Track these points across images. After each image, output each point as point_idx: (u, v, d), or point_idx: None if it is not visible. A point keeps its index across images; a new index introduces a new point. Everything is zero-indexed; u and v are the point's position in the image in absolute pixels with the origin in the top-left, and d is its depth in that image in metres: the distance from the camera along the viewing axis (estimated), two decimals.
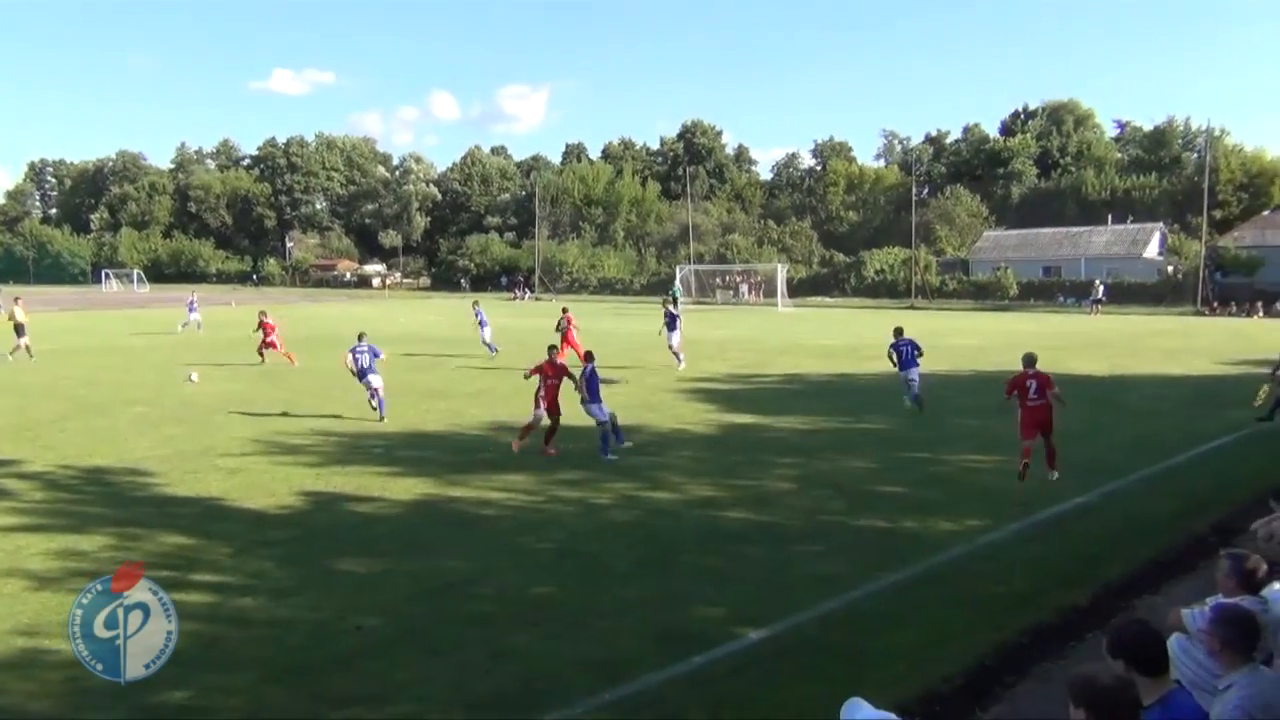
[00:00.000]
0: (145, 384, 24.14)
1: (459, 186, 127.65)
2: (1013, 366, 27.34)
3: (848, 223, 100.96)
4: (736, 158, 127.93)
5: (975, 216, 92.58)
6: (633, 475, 13.84)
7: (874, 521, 11.34)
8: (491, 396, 21.74)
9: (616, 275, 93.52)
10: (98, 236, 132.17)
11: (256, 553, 10.23)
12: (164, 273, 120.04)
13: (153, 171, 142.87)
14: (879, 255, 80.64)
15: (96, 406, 20.37)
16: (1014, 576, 9.45)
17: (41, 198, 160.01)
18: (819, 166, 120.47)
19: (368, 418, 18.72)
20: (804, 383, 24.82)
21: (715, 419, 18.81)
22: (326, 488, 13.12)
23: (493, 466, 14.37)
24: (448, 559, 10.03)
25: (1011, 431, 17.22)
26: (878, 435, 17.19)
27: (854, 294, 77.25)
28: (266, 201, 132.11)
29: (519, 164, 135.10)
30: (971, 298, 71.26)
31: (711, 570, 9.66)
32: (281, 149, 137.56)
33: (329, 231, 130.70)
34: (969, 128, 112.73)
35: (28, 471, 14.14)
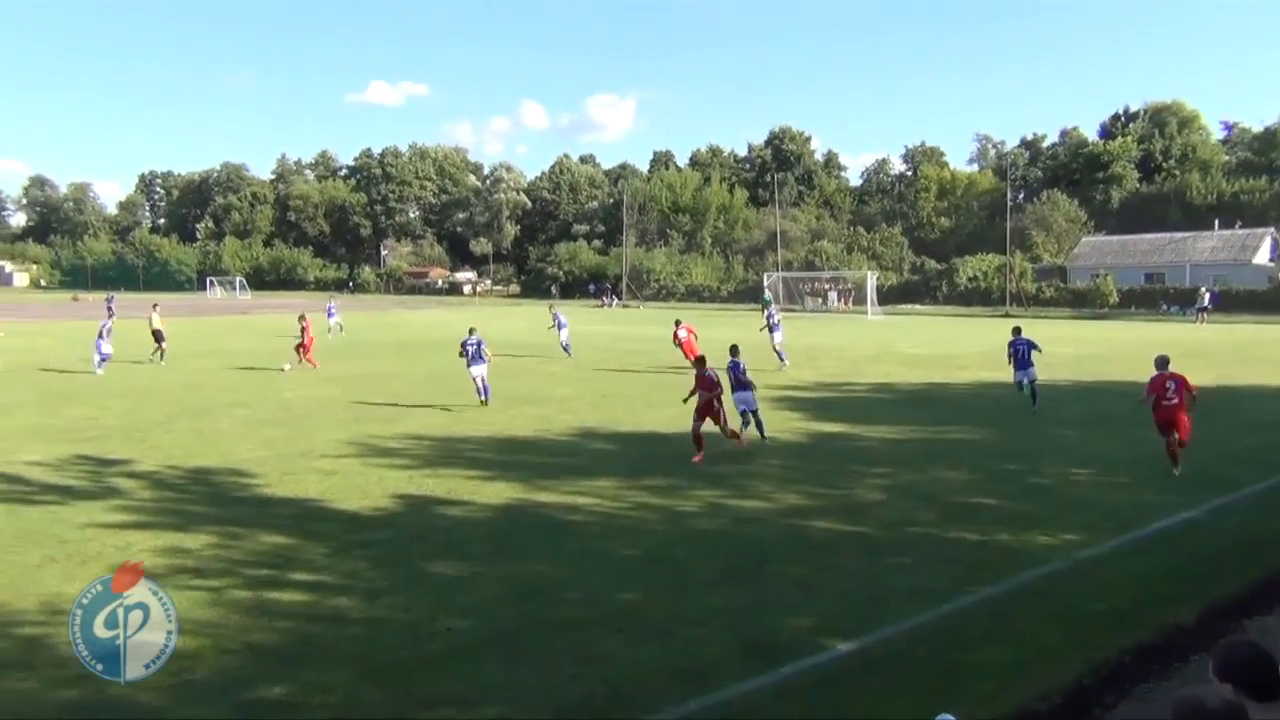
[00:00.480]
0: (246, 387, 24.92)
1: (548, 195, 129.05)
2: (1115, 376, 26.62)
3: (939, 229, 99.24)
4: (825, 164, 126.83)
5: (1073, 222, 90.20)
6: (719, 483, 13.79)
7: (966, 534, 11.10)
8: (579, 403, 21.90)
9: (703, 282, 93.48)
10: (203, 245, 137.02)
11: (351, 553, 10.47)
12: (264, 280, 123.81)
13: (255, 182, 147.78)
14: (972, 262, 79.09)
15: (200, 409, 21.09)
16: (1114, 593, 9.15)
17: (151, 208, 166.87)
18: (910, 172, 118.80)
19: (458, 424, 19.03)
20: (894, 392, 24.43)
21: (803, 427, 18.63)
22: (418, 490, 13.36)
23: (580, 472, 14.46)
24: (535, 563, 10.12)
25: (1113, 445, 16.72)
26: (970, 446, 16.83)
27: (946, 301, 75.88)
28: (362, 210, 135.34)
29: (607, 172, 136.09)
30: (1069, 305, 69.42)
31: (799, 580, 9.56)
32: (377, 159, 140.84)
33: (421, 239, 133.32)
34: (1067, 131, 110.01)
35: (137, 471, 14.71)
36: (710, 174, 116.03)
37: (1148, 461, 14.98)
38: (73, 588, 9.29)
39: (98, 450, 16.36)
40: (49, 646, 7.88)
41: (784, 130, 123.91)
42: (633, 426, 18.83)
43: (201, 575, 9.66)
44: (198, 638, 8.06)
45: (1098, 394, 23.68)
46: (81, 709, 6.89)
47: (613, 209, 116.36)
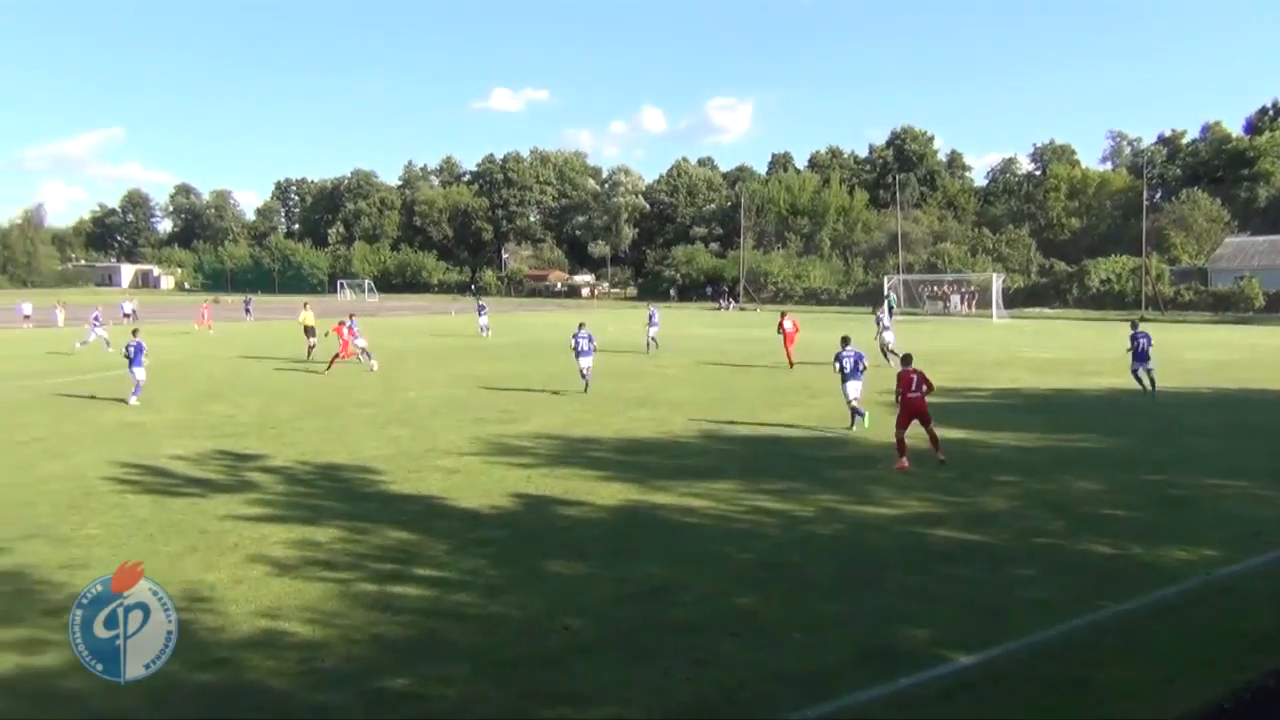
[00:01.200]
0: (373, 386, 25.72)
1: (666, 198, 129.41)
2: (1260, 384, 25.25)
3: (1069, 230, 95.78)
4: (949, 164, 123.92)
5: (1215, 222, 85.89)
6: (838, 488, 13.61)
7: (1096, 546, 10.69)
8: (695, 405, 21.91)
9: (822, 285, 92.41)
10: (334, 249, 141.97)
11: (471, 550, 10.70)
12: (391, 283, 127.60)
13: (383, 188, 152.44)
14: (1104, 264, 76.12)
15: (329, 408, 21.87)
16: (1257, 613, 8.68)
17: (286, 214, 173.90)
18: (1038, 171, 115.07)
19: (576, 425, 19.27)
20: (1021, 397, 23.70)
21: (923, 433, 18.18)
22: (536, 490, 13.58)
23: (696, 474, 14.47)
24: (651, 564, 10.17)
25: (1256, 456, 15.85)
26: (1102, 454, 16.20)
27: (1076, 305, 73.21)
28: (484, 215, 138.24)
29: (725, 175, 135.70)
30: (1210, 309, 66.17)
31: (919, 589, 9.37)
32: (499, 164, 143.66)
33: (541, 243, 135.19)
34: (1209, 126, 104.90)
35: (271, 466, 15.36)
36: (829, 175, 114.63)
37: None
38: (213, 576, 9.77)
39: (235, 446, 17.14)
40: (189, 631, 8.28)
41: (906, 130, 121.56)
42: (750, 429, 18.74)
43: (331, 568, 10.01)
44: (327, 628, 8.36)
45: (1240, 402, 22.51)
46: (218, 692, 7.23)
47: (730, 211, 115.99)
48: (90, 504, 12.87)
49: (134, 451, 16.62)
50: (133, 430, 18.94)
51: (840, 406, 20.91)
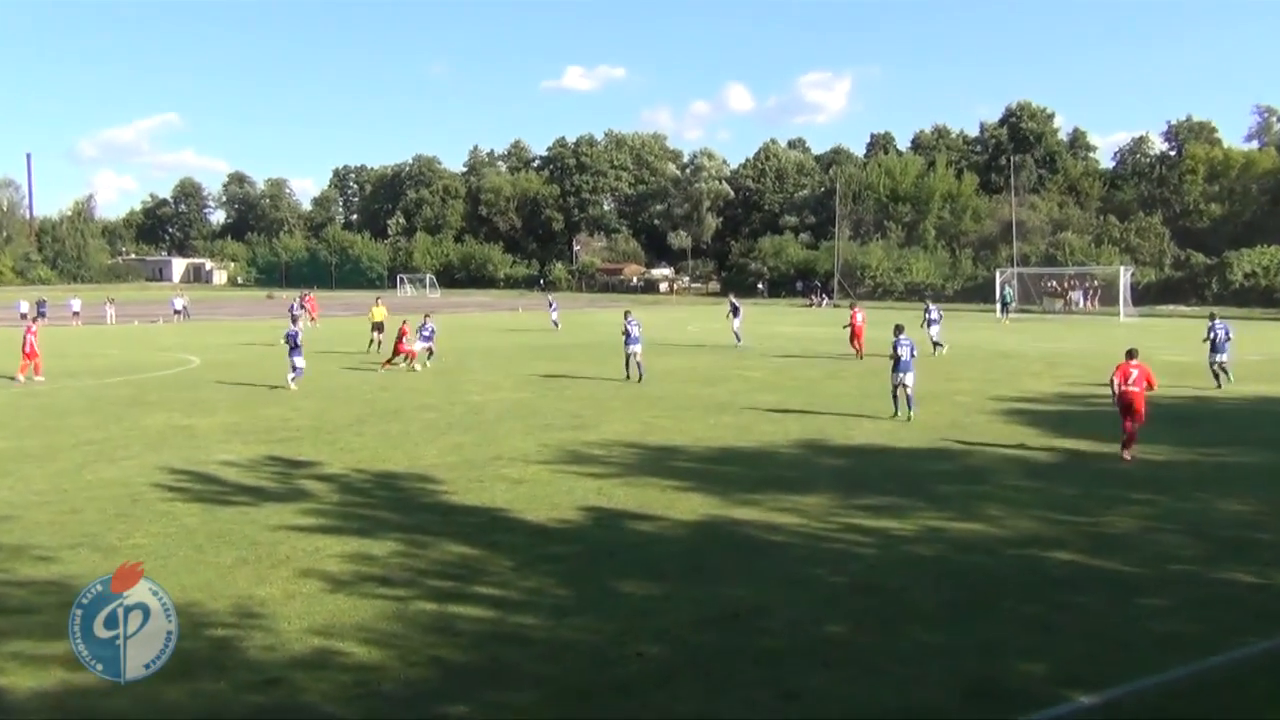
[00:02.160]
0: (435, 389, 26.10)
1: (752, 184, 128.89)
2: None
3: (1209, 217, 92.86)
4: (1071, 144, 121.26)
5: None
6: (942, 504, 13.41)
7: (1240, 574, 10.35)
8: (782, 412, 21.78)
9: (926, 279, 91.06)
10: (394, 241, 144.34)
11: (538, 567, 10.78)
12: (454, 277, 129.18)
13: (446, 175, 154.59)
14: (1250, 256, 73.75)
15: (389, 411, 22.25)
16: None
17: (344, 204, 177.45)
18: (1173, 152, 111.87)
19: (652, 432, 19.30)
20: (1153, 405, 23.01)
21: (1041, 444, 17.91)
22: (609, 503, 13.63)
23: (783, 487, 14.38)
24: (733, 587, 10.13)
25: None
26: (1247, 470, 15.70)
27: (1216, 302, 70.92)
28: (555, 203, 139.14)
29: (818, 158, 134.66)
30: None
31: (1033, 619, 9.17)
32: (570, 149, 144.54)
33: (616, 234, 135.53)
34: None
35: (326, 473, 15.67)
36: (935, 158, 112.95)
37: None
38: (264, 590, 9.99)
39: (289, 451, 17.53)
40: (239, 649, 8.49)
41: (1022, 106, 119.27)
42: (844, 439, 18.58)
43: (388, 584, 10.17)
44: (384, 649, 8.49)
45: None
46: (270, 713, 7.39)
47: (824, 198, 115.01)
48: (138, 512, 13.28)
49: (183, 457, 17.11)
50: (182, 434, 19.50)
51: (940, 413, 20.61)
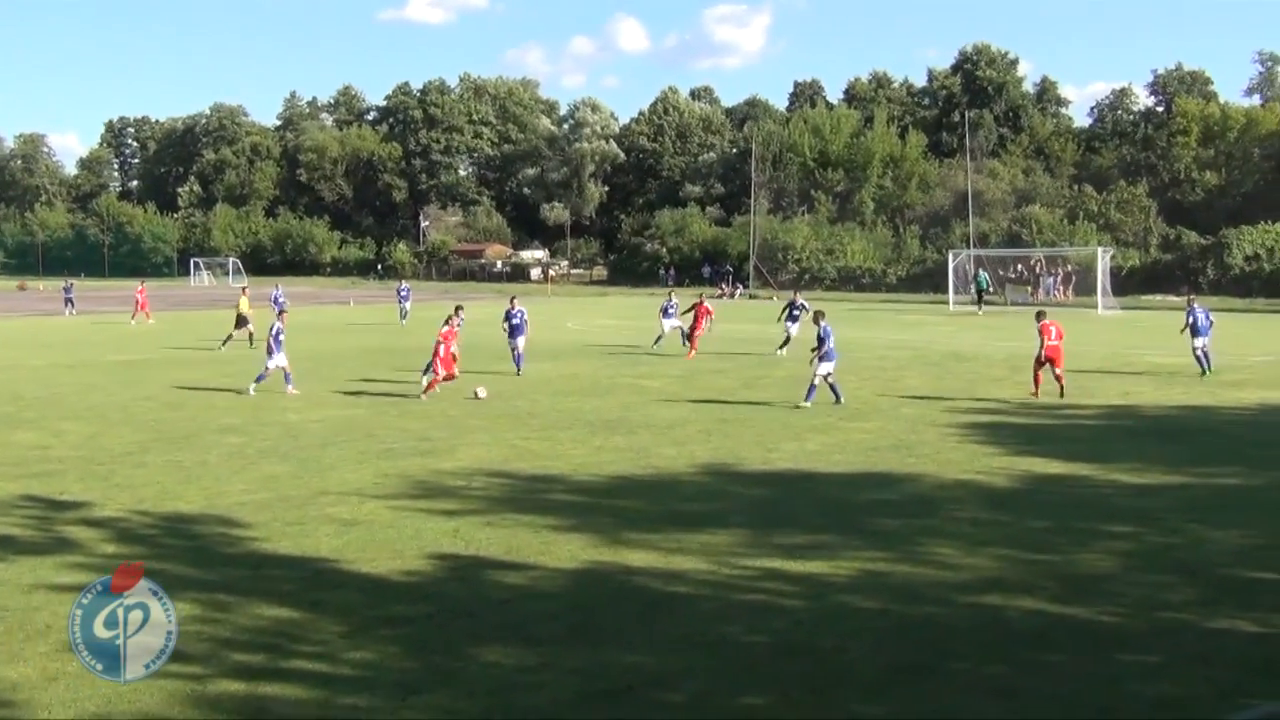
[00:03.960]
0: (241, 408, 25.61)
1: (648, 143, 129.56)
2: None
3: (1203, 188, 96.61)
4: (1038, 97, 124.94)
5: None
6: (884, 543, 13.65)
7: (1240, 622, 10.77)
8: (687, 431, 21.93)
9: (863, 264, 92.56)
10: (186, 215, 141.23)
11: (375, 633, 10.64)
12: (266, 261, 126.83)
13: (255, 130, 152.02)
14: (1252, 235, 76.89)
15: (181, 436, 21.75)
16: None
17: (120, 167, 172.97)
18: (1160, 108, 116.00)
19: (523, 458, 19.23)
20: (1137, 418, 23.89)
21: (1004, 467, 18.35)
22: (468, 548, 13.53)
23: (688, 525, 14.47)
24: (626, 652, 10.15)
25: None
26: (1249, 496, 16.36)
27: (1213, 290, 73.80)
28: (396, 167, 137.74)
29: (729, 112, 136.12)
30: None
31: (996, 683, 9.40)
32: (416, 97, 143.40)
33: (475, 206, 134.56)
34: None
35: (98, 517, 15.23)
36: (873, 113, 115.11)
37: None
38: (16, 671, 9.66)
39: (48, 489, 17.00)
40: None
41: (980, 51, 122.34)
42: (763, 463, 18.79)
43: (181, 659, 9.88)
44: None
45: None
46: None
47: (736, 162, 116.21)
48: None
49: None
50: None
51: (883, 430, 21.03)
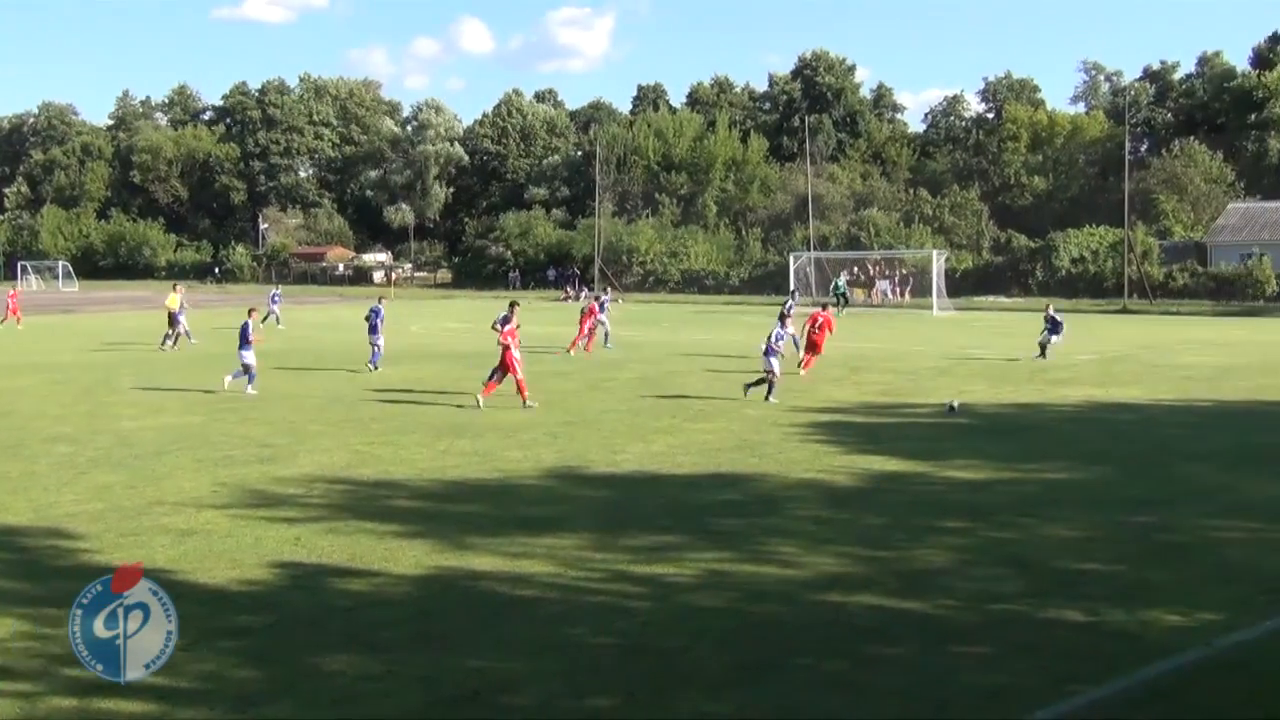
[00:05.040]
0: (72, 415, 24.81)
1: (492, 145, 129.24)
2: (1274, 395, 26.77)
3: (1033, 192, 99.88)
4: (875, 103, 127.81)
5: (1216, 182, 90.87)
6: (728, 543, 13.78)
7: (1067, 613, 11.11)
8: (533, 434, 21.89)
9: (707, 266, 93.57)
10: (13, 217, 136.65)
11: (214, 644, 10.40)
12: (98, 265, 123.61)
13: (86, 130, 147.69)
14: (1077, 237, 79.60)
15: (6, 446, 20.97)
16: (1271, 694, 9.19)
17: None
18: (991, 114, 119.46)
19: (366, 463, 19.00)
20: (972, 415, 24.51)
21: (844, 466, 18.67)
22: (309, 556, 13.31)
23: (533, 528, 14.43)
24: (471, 657, 10.09)
25: (1270, 489, 16.83)
26: (1076, 489, 16.90)
27: (1042, 292, 76.21)
28: (234, 168, 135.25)
29: (573, 114, 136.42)
30: (1209, 297, 69.94)
31: (836, 678, 9.56)
32: (254, 98, 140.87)
33: (316, 208, 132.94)
34: (1206, 58, 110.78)
35: None
36: (716, 117, 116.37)
37: None
38: None
39: None
40: None
41: (818, 57, 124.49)
42: (608, 465, 18.83)
43: (10, 676, 9.57)
44: None
45: (1250, 420, 23.83)
46: None
47: (581, 165, 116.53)
48: None
49: None
50: None
51: (727, 430, 21.27)
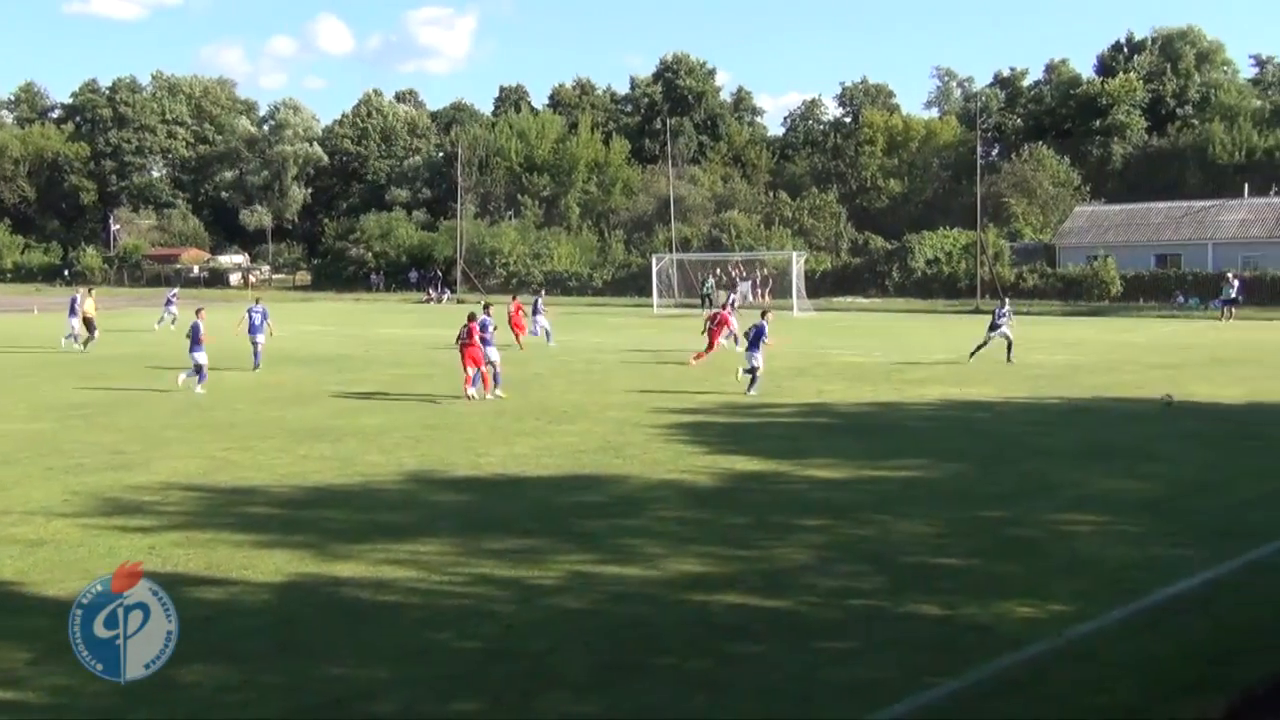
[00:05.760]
0: None
1: (352, 146, 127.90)
2: (1118, 392, 27.69)
3: (889, 195, 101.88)
4: (735, 106, 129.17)
5: (1063, 186, 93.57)
6: (592, 545, 13.81)
7: (925, 607, 11.36)
8: (394, 438, 21.68)
9: (570, 268, 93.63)
10: None
11: (67, 658, 10.06)
12: None
13: None
14: (932, 239, 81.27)
15: None
16: (1119, 681, 9.47)
17: None
18: (849, 118, 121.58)
19: (223, 470, 18.65)
20: (831, 415, 24.89)
21: (706, 466, 18.81)
22: (165, 566, 12.99)
23: (395, 534, 14.30)
24: (333, 665, 9.97)
25: (1115, 483, 17.39)
26: (932, 487, 17.25)
27: (898, 292, 77.85)
28: (84, 168, 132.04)
29: (434, 115, 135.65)
30: (1058, 297, 71.92)
31: (700, 677, 9.63)
32: (105, 96, 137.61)
33: (170, 209, 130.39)
34: (1053, 65, 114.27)
35: None
36: (578, 119, 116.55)
37: (1160, 504, 15.64)
38: None
39: None
40: None
41: (679, 60, 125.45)
42: (471, 468, 18.73)
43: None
44: None
45: (1095, 416, 24.55)
46: None
47: (443, 166, 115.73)
48: None
49: None
50: None
51: (590, 432, 21.34)
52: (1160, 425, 22.83)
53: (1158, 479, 17.39)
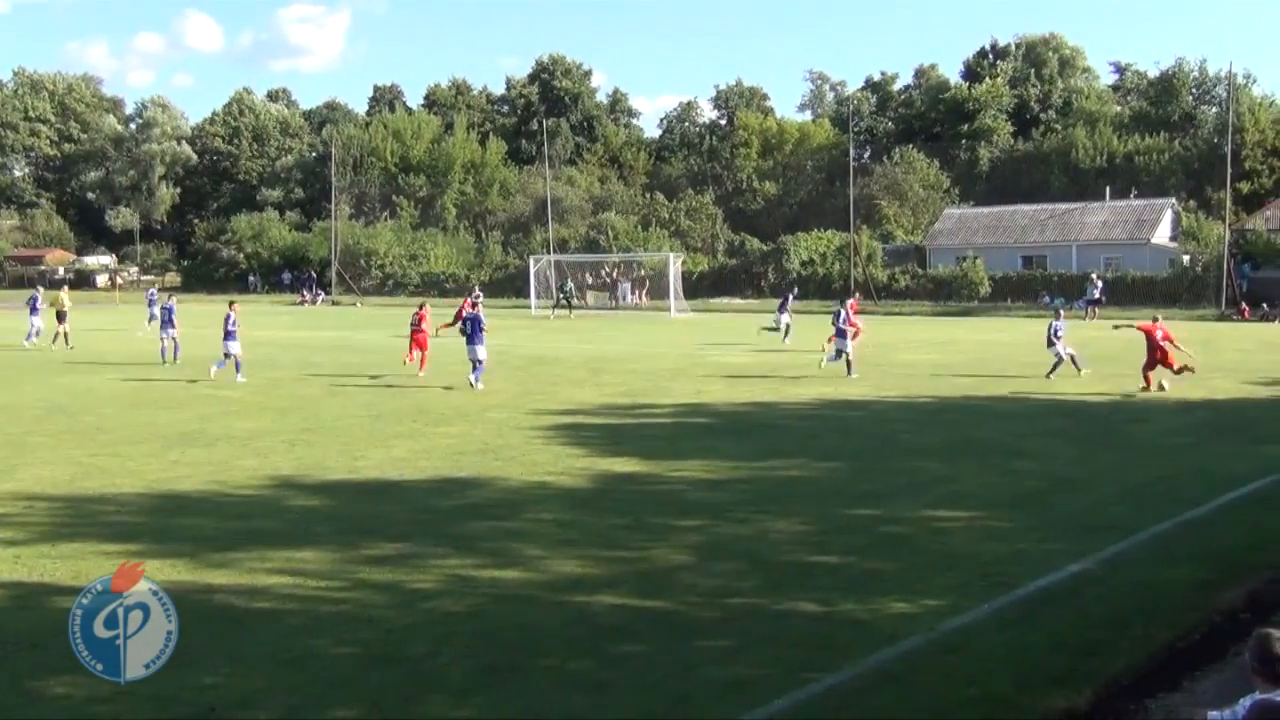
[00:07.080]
0: None
1: (223, 145, 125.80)
2: (987, 390, 28.30)
3: (764, 197, 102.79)
4: (612, 107, 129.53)
5: (933, 189, 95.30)
6: (471, 548, 13.74)
7: (801, 604, 11.50)
8: (269, 442, 21.35)
9: (447, 269, 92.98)
10: None
11: None
12: None
13: None
14: (806, 241, 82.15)
15: None
16: (989, 673, 9.68)
17: None
18: (723, 121, 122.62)
19: (91, 477, 18.19)
20: (708, 415, 25.05)
21: (585, 467, 18.82)
22: (31, 576, 12.70)
23: (271, 540, 14.10)
24: (208, 673, 9.79)
25: (985, 480, 17.80)
26: (807, 485, 17.47)
27: (773, 293, 78.47)
28: None
29: (307, 115, 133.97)
30: (929, 298, 73.17)
31: (581, 678, 9.64)
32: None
33: (34, 209, 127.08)
34: (922, 70, 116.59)
35: None
36: (454, 119, 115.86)
37: (1028, 500, 16.03)
38: None
39: None
40: None
41: (555, 61, 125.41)
42: (348, 472, 18.53)
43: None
44: None
45: (966, 414, 25.05)
46: None
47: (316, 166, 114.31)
48: None
49: None
50: None
51: (469, 435, 21.25)
52: (1028, 423, 23.38)
53: (1026, 475, 17.82)
